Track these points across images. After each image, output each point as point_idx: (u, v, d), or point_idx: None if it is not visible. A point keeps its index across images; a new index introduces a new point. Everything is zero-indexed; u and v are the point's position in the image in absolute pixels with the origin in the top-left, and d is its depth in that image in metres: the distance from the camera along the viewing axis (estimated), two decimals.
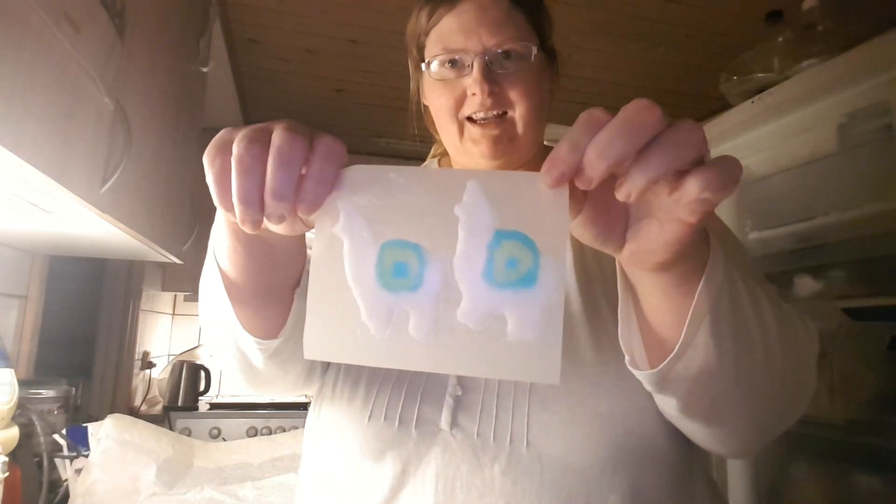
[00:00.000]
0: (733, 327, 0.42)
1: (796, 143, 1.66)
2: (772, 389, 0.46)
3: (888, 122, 1.37)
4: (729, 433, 0.49)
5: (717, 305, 0.40)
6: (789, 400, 0.47)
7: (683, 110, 2.52)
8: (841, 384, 1.20)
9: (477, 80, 0.61)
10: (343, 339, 0.37)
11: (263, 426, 2.35)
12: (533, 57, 0.63)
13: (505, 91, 0.62)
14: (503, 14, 0.63)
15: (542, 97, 0.65)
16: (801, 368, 0.48)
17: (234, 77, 2.26)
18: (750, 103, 1.70)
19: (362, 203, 0.41)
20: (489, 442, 0.53)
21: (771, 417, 0.48)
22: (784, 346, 0.45)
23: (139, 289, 2.24)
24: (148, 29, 1.06)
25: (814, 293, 1.57)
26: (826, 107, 1.54)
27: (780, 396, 0.46)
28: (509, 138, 0.64)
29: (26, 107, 0.63)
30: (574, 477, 0.50)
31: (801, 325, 0.49)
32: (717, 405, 0.46)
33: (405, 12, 0.84)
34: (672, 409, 0.48)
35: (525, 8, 0.65)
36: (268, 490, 1.14)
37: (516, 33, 0.63)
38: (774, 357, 0.44)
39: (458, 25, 0.65)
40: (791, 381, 0.46)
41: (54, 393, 1.16)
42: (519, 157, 0.66)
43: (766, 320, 0.44)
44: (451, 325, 0.36)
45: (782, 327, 0.45)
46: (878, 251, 1.42)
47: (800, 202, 1.67)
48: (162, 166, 1.24)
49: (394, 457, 0.54)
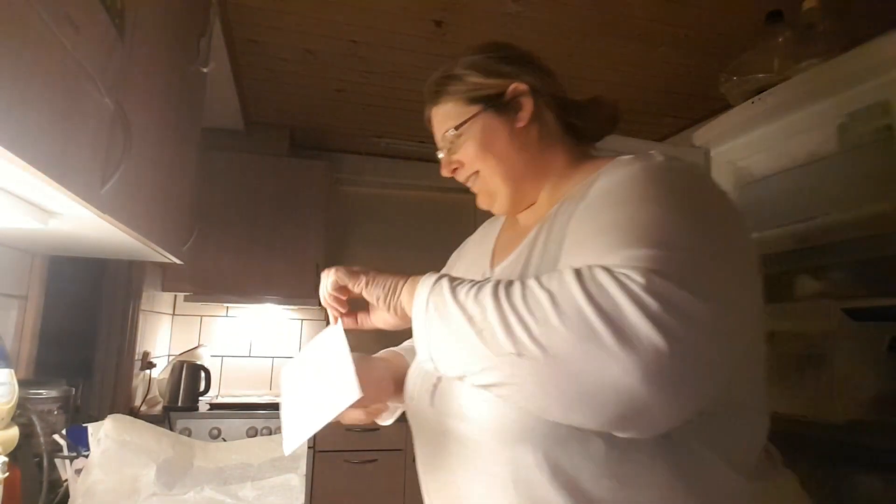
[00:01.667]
0: (445, 341, 0.57)
1: (796, 143, 1.66)
2: (530, 375, 0.51)
3: (888, 122, 1.37)
4: (554, 416, 0.55)
5: (427, 332, 0.58)
6: (561, 376, 0.50)
7: (683, 110, 2.52)
8: (841, 384, 1.20)
9: (441, 166, 0.84)
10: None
11: (263, 426, 2.36)
12: (465, 129, 0.79)
13: (464, 162, 0.81)
14: (436, 114, 0.84)
15: (499, 150, 0.78)
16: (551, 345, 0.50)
17: (234, 77, 2.26)
18: (750, 103, 1.70)
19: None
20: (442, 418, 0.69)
21: (560, 393, 0.51)
22: (510, 331, 0.52)
23: (139, 289, 2.24)
24: (148, 29, 1.06)
25: (814, 293, 1.57)
26: (826, 107, 1.54)
27: (547, 379, 0.51)
28: (488, 193, 0.82)
29: (26, 107, 0.63)
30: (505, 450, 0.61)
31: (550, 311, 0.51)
32: (505, 393, 0.56)
33: (405, 12, 0.85)
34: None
35: (448, 97, 0.82)
36: (268, 490, 1.15)
37: (444, 125, 0.82)
38: (500, 344, 0.52)
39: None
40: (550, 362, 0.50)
41: (54, 393, 1.16)
42: (517, 201, 0.81)
43: (479, 322, 0.53)
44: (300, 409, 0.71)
45: (506, 322, 0.52)
46: (878, 251, 1.42)
47: (800, 202, 1.66)
48: (162, 166, 1.24)
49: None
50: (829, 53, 1.49)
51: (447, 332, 0.56)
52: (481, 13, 1.83)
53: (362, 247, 3.21)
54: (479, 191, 0.83)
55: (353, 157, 3.17)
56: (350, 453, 2.41)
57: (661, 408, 0.50)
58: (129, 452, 1.11)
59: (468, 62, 0.83)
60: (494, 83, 0.79)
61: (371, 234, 3.21)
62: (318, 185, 2.85)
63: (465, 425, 0.64)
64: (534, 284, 0.53)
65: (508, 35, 1.96)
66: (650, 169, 0.64)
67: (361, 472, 2.43)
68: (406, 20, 1.86)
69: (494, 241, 0.87)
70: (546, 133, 0.80)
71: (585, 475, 0.58)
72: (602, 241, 0.57)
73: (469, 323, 0.54)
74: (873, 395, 1.20)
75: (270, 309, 2.99)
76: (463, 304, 0.55)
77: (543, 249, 0.70)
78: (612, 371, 0.48)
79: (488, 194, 0.82)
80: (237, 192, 2.72)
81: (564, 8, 1.80)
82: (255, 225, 2.72)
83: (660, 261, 0.51)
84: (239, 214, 2.70)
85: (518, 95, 0.79)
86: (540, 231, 0.73)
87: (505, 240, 0.85)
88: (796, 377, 1.30)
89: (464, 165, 0.81)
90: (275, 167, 2.81)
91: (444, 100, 0.82)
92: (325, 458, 2.38)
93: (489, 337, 0.52)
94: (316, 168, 2.87)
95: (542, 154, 0.79)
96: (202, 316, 2.94)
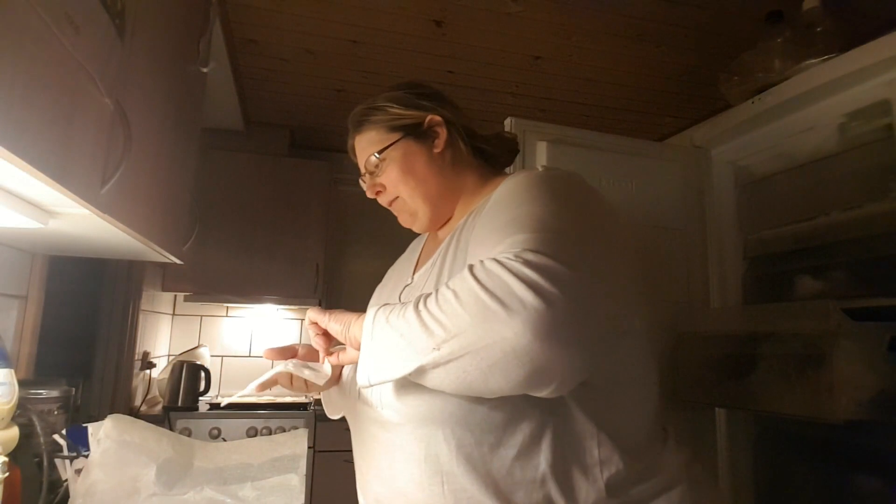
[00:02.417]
0: (384, 357, 0.65)
1: (796, 143, 1.66)
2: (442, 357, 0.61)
3: (888, 122, 1.37)
4: (479, 390, 0.64)
5: (370, 354, 0.66)
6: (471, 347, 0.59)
7: (684, 110, 2.52)
8: (841, 384, 1.20)
9: (366, 190, 0.95)
10: None
11: (263, 426, 2.35)
12: (387, 153, 0.90)
13: (386, 186, 0.92)
14: (359, 141, 0.94)
15: (419, 172, 0.89)
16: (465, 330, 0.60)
17: (234, 77, 2.26)
18: (750, 103, 1.70)
19: None
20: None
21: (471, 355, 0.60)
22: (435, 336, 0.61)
23: (139, 289, 2.24)
24: (148, 29, 1.06)
25: (814, 293, 1.57)
26: (826, 107, 1.54)
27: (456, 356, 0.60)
28: (409, 213, 0.93)
29: (26, 107, 0.63)
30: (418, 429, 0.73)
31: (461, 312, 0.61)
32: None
33: (405, 12, 0.86)
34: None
35: (371, 125, 0.92)
36: (268, 490, 1.14)
37: (368, 150, 0.92)
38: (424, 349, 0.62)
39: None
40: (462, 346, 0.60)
41: (54, 393, 1.16)
42: (436, 218, 0.92)
43: (417, 332, 0.62)
44: None
45: (427, 329, 0.61)
46: (878, 251, 1.42)
47: (800, 202, 1.66)
48: (162, 166, 1.24)
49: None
50: (829, 53, 1.48)
51: (384, 349, 0.65)
52: (481, 13, 1.83)
53: (362, 247, 3.22)
54: (399, 212, 0.94)
55: None
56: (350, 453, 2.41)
57: (558, 361, 0.59)
58: (129, 452, 1.11)
59: (389, 96, 0.93)
60: (413, 114, 0.90)
61: (371, 234, 3.21)
62: (318, 185, 2.85)
63: (387, 412, 0.75)
64: (442, 288, 0.63)
65: (508, 35, 1.96)
66: (531, 177, 0.78)
67: None
68: (406, 20, 1.86)
69: (418, 255, 1.00)
70: (459, 158, 0.92)
71: (484, 448, 0.69)
72: (493, 238, 0.68)
73: (400, 337, 0.63)
74: (873, 395, 1.20)
75: (270, 309, 2.99)
76: (394, 324, 0.64)
77: (454, 255, 0.81)
78: (508, 337, 0.57)
79: (410, 214, 0.93)
80: (237, 192, 2.72)
81: (564, 8, 1.80)
82: (255, 225, 2.72)
83: (534, 241, 0.62)
84: (239, 214, 2.70)
85: (434, 125, 0.90)
86: (451, 240, 0.85)
87: (426, 252, 0.97)
88: (796, 377, 1.30)
89: (386, 189, 0.92)
90: (275, 167, 2.81)
91: (367, 128, 0.93)
92: (325, 458, 2.38)
93: (415, 342, 0.61)
94: (316, 168, 2.87)
95: (455, 176, 0.91)
96: (202, 316, 2.94)
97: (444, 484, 0.70)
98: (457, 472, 0.70)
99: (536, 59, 2.12)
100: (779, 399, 1.35)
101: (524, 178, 0.78)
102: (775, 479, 1.65)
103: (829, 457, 1.50)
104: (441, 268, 0.83)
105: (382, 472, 0.78)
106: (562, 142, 1.70)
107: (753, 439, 1.71)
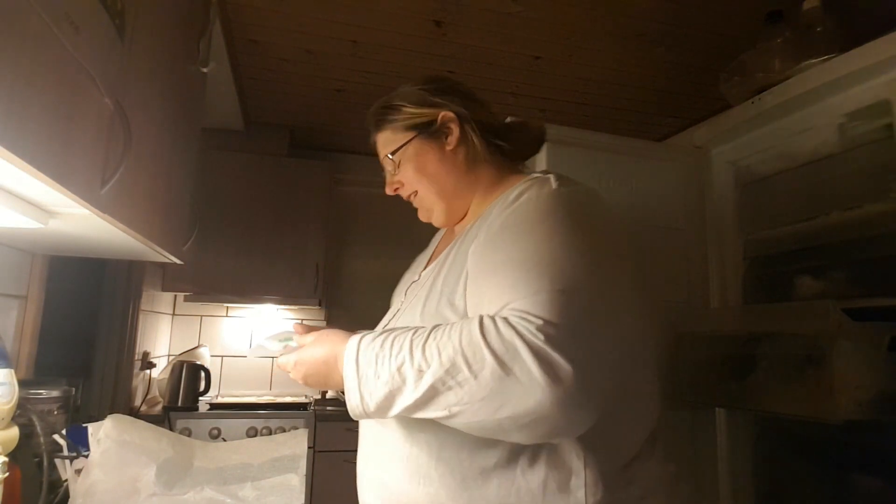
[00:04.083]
0: (370, 382, 0.68)
1: (796, 143, 1.66)
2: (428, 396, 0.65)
3: (888, 122, 1.37)
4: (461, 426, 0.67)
5: (355, 378, 0.69)
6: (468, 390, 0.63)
7: (683, 110, 2.52)
8: (841, 384, 1.20)
9: (386, 186, 0.97)
10: None
11: (263, 426, 2.35)
12: (401, 153, 0.91)
13: (404, 183, 0.94)
14: (378, 139, 0.96)
15: (431, 171, 0.91)
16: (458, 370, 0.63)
17: (234, 77, 2.26)
18: (750, 103, 1.70)
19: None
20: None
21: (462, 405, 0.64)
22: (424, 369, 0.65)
23: (139, 289, 2.24)
24: (148, 29, 1.06)
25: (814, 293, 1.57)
26: (826, 107, 1.54)
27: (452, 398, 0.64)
28: (426, 209, 0.95)
29: (26, 107, 0.63)
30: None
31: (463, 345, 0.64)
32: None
33: (405, 12, 0.86)
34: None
35: (387, 125, 0.93)
36: (268, 490, 1.14)
37: (384, 150, 0.94)
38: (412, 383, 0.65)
39: None
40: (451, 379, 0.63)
41: (54, 393, 1.16)
42: (451, 214, 0.93)
43: (407, 366, 0.66)
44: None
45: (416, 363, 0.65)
46: (878, 251, 1.42)
47: (800, 202, 1.66)
48: (162, 166, 1.24)
49: None
50: (829, 53, 1.48)
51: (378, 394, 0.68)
52: (481, 13, 1.83)
53: (362, 247, 3.21)
54: (419, 207, 0.96)
55: (353, 157, 3.17)
56: (350, 453, 2.40)
57: (575, 422, 0.63)
58: (129, 452, 1.11)
59: (404, 94, 0.94)
60: (426, 112, 0.91)
61: (371, 234, 3.21)
62: (318, 185, 2.85)
63: (384, 420, 0.79)
64: (448, 347, 0.64)
65: (508, 35, 1.96)
66: (543, 202, 0.76)
67: None
68: (406, 20, 1.86)
69: (435, 247, 1.03)
70: (473, 154, 0.91)
71: (463, 453, 0.71)
72: (501, 278, 0.68)
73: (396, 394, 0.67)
74: (873, 395, 1.20)
75: (270, 309, 2.99)
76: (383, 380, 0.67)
77: (452, 264, 0.81)
78: (520, 410, 0.60)
79: (426, 210, 0.95)
80: (237, 192, 2.72)
81: (564, 8, 1.80)
82: (255, 225, 2.72)
83: (550, 305, 0.63)
84: (239, 214, 2.70)
85: (447, 122, 0.91)
86: (454, 246, 0.86)
87: (440, 247, 0.99)
88: (796, 377, 1.30)
89: (404, 185, 0.94)
90: (275, 167, 2.81)
91: (384, 128, 0.94)
92: (325, 458, 2.38)
93: (424, 407, 0.65)
94: (316, 168, 2.87)
95: (470, 172, 0.91)
96: (202, 316, 2.94)
97: (420, 484, 0.73)
98: (433, 475, 0.72)
99: (536, 59, 2.12)
100: (779, 399, 1.35)
101: (535, 201, 0.77)
102: (775, 479, 1.65)
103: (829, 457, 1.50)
104: (439, 272, 0.83)
105: (373, 462, 0.82)
106: (562, 142, 1.70)
107: (753, 439, 1.71)
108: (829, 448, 1.50)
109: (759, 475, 1.70)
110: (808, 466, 1.56)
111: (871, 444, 1.38)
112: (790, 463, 1.60)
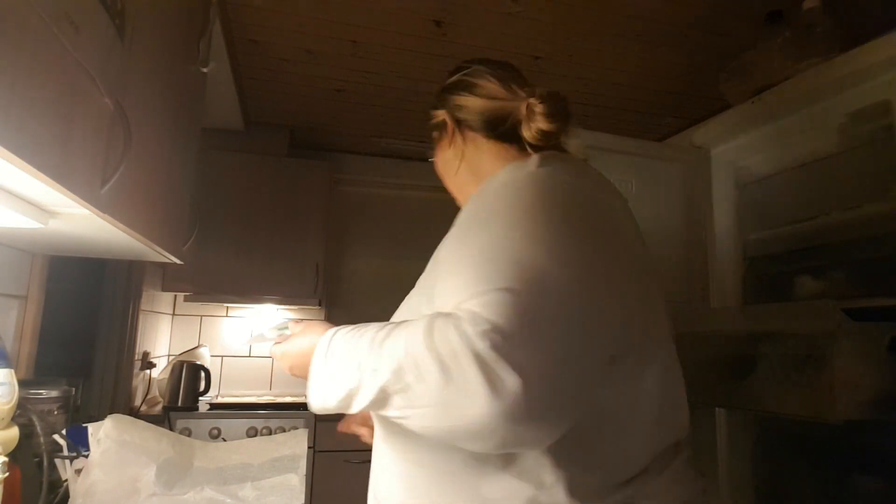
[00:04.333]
0: (333, 378, 0.67)
1: (796, 143, 1.66)
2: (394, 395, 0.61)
3: (888, 122, 1.37)
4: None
5: (320, 373, 0.69)
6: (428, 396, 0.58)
7: (683, 110, 2.52)
8: (841, 384, 1.20)
9: None
10: None
11: (263, 426, 2.35)
12: (432, 146, 1.00)
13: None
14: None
15: (440, 169, 0.99)
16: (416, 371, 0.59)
17: (234, 77, 2.26)
18: (750, 103, 1.70)
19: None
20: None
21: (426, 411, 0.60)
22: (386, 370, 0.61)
23: (139, 289, 2.24)
24: (148, 29, 1.06)
25: (814, 293, 1.57)
26: (826, 107, 1.53)
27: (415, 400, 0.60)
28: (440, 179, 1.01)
29: (26, 107, 0.63)
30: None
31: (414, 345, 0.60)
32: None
33: (405, 12, 0.85)
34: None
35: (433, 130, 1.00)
36: (268, 490, 1.14)
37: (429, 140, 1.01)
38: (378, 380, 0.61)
39: None
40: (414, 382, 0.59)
41: (54, 393, 1.15)
42: (465, 201, 0.90)
43: (369, 362, 0.62)
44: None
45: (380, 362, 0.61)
46: (878, 251, 1.42)
47: (800, 202, 1.66)
48: (162, 166, 1.24)
49: None
50: (829, 53, 1.48)
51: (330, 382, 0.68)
52: (481, 13, 1.83)
53: (362, 247, 3.21)
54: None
55: (353, 157, 3.17)
56: (350, 453, 2.41)
57: (528, 435, 0.58)
58: (129, 452, 1.11)
59: (434, 96, 1.00)
60: (437, 114, 0.97)
61: (371, 234, 3.21)
62: (318, 185, 2.85)
63: (377, 426, 0.81)
64: (400, 349, 0.60)
65: (508, 35, 1.96)
66: (509, 185, 0.72)
67: (361, 472, 2.41)
68: (406, 20, 1.86)
69: None
70: (473, 147, 0.92)
71: (442, 465, 0.69)
72: (456, 279, 0.64)
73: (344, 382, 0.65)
74: (873, 395, 1.20)
75: (270, 309, 2.99)
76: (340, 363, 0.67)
77: (433, 258, 0.78)
78: (467, 420, 0.55)
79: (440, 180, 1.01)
80: (237, 192, 2.72)
81: (564, 8, 1.80)
82: (255, 225, 2.72)
83: (504, 307, 0.56)
84: (239, 214, 2.70)
85: (442, 120, 0.95)
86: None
87: None
88: (796, 377, 1.30)
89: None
90: (275, 167, 2.81)
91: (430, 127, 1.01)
92: (325, 458, 2.38)
93: (380, 404, 0.62)
94: (316, 168, 2.87)
95: (472, 163, 0.93)
96: (202, 316, 2.94)
97: (405, 489, 0.74)
98: (433, 492, 0.71)
99: (536, 59, 2.12)
100: (779, 399, 1.35)
101: (504, 188, 0.72)
102: (775, 479, 1.65)
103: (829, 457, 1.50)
104: (426, 268, 0.80)
105: (376, 467, 0.84)
106: None
107: (753, 439, 1.71)
108: (829, 448, 1.50)
109: (759, 475, 1.70)
110: (808, 466, 1.56)
111: (871, 444, 1.38)
112: (790, 463, 1.60)
